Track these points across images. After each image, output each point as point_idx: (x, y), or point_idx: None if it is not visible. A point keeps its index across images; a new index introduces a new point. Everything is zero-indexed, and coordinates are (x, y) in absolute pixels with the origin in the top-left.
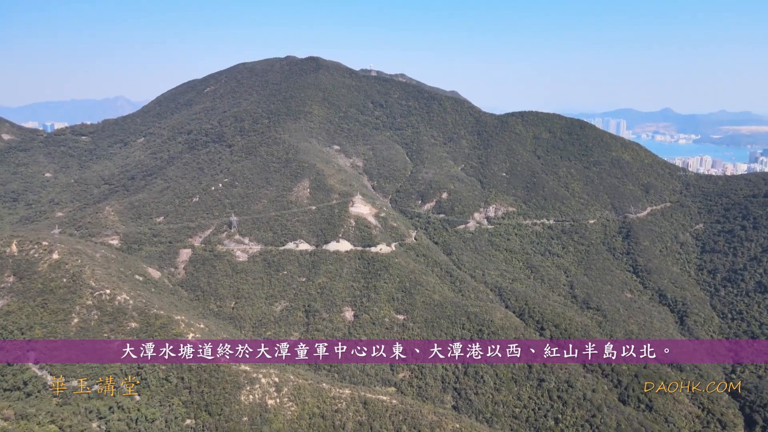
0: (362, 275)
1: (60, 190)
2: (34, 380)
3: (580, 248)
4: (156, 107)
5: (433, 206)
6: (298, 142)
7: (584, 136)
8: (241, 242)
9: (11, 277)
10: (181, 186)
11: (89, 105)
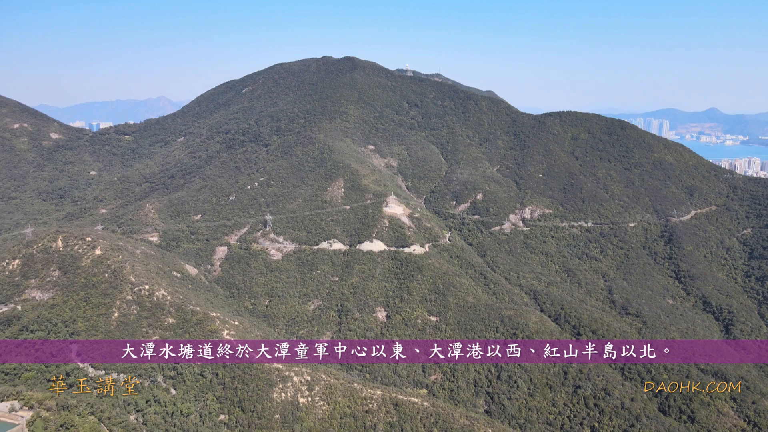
0: (395, 276)
1: (104, 188)
2: (76, 372)
3: (619, 252)
4: (195, 107)
5: (467, 207)
6: (333, 141)
7: (625, 137)
8: (276, 241)
9: (56, 271)
10: (219, 185)
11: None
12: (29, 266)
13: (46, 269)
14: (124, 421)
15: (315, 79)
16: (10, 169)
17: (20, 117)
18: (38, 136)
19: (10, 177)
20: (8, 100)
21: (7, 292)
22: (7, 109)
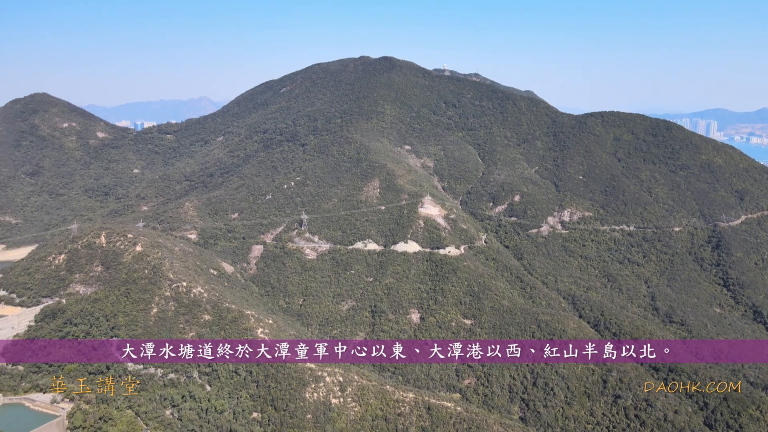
0: (430, 277)
1: (146, 186)
2: (116, 366)
3: (663, 257)
4: (235, 107)
5: (504, 209)
6: (370, 141)
7: (671, 138)
8: (311, 240)
9: (99, 266)
10: (256, 183)
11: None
12: (74, 261)
13: (89, 264)
14: (160, 416)
15: (352, 79)
16: (59, 167)
17: (69, 117)
18: (86, 135)
19: (59, 174)
20: (58, 100)
21: (53, 285)
22: (57, 108)
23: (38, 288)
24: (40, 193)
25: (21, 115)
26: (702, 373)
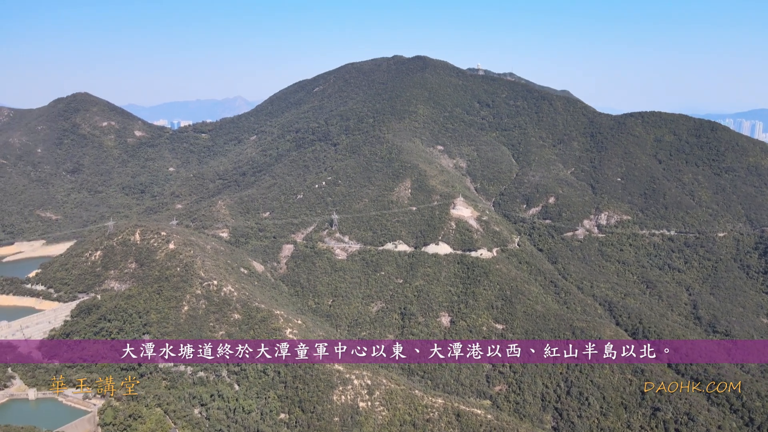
0: (461, 280)
1: (180, 184)
2: (147, 363)
3: (706, 264)
4: (268, 106)
5: (538, 211)
6: (402, 141)
7: (715, 139)
8: (341, 240)
9: (133, 263)
10: (287, 183)
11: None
12: (109, 258)
13: (124, 261)
14: (188, 415)
15: (385, 79)
16: (98, 165)
17: (108, 116)
18: (124, 133)
19: (98, 172)
20: (98, 100)
21: (89, 281)
22: (97, 108)
23: (75, 284)
24: (79, 190)
25: (63, 114)
26: (748, 387)
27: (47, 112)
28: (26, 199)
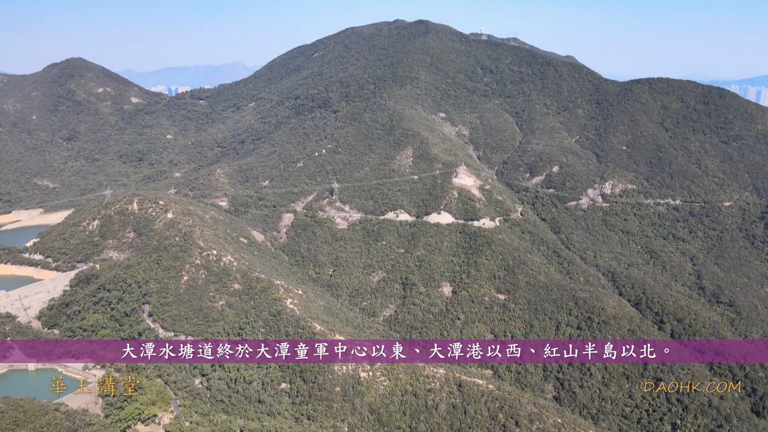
0: (463, 250)
1: (178, 152)
2: (147, 332)
3: (711, 234)
4: (267, 72)
5: (542, 180)
6: (403, 108)
7: (724, 107)
8: (342, 210)
9: (132, 232)
10: (287, 151)
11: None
12: (107, 227)
13: (122, 230)
14: (189, 386)
15: (386, 44)
16: (94, 132)
17: (104, 82)
18: (120, 100)
19: (94, 139)
20: (93, 65)
21: (87, 251)
22: (92, 74)
23: (73, 253)
24: (76, 158)
25: (57, 80)
26: (752, 358)
27: (41, 78)
28: (23, 167)
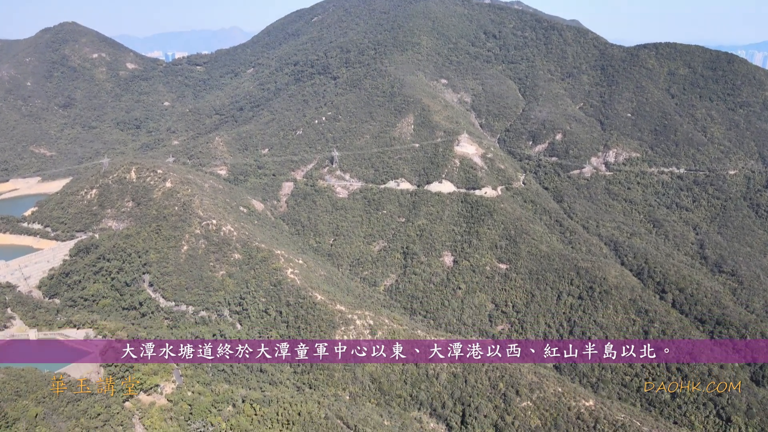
0: (464, 219)
1: (176, 119)
2: (148, 302)
3: (714, 202)
4: (265, 37)
5: (545, 148)
6: (404, 75)
7: (732, 73)
8: (342, 178)
9: (130, 202)
10: (286, 118)
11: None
12: (105, 196)
13: (120, 200)
14: None
15: (387, 8)
16: (90, 99)
17: (99, 47)
18: (115, 66)
19: (90, 107)
20: (87, 30)
21: (86, 220)
22: (86, 39)
23: (72, 222)
24: (72, 125)
25: (51, 45)
26: (752, 327)
27: (34, 43)
28: (19, 134)
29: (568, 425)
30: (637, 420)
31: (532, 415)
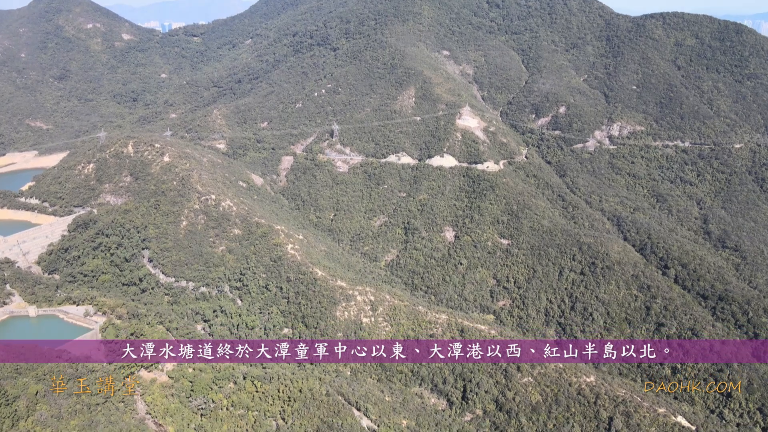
0: (466, 194)
1: (174, 91)
2: (148, 278)
3: (719, 177)
4: (263, 7)
5: (548, 121)
6: (405, 46)
7: (740, 43)
8: (342, 152)
9: (128, 176)
10: (285, 91)
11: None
12: (103, 171)
13: (118, 174)
14: (191, 332)
15: None
16: (86, 71)
17: (93, 17)
18: (110, 36)
19: (86, 79)
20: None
21: (84, 195)
22: (80, 8)
23: (69, 197)
24: (68, 98)
25: (45, 15)
26: (755, 303)
27: (28, 13)
28: (14, 107)
29: (569, 401)
30: (638, 395)
31: (533, 391)
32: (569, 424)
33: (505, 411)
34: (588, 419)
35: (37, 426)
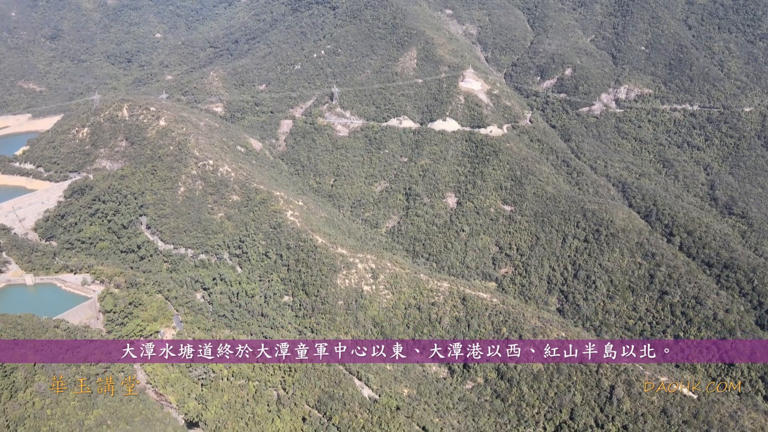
0: (469, 159)
1: (169, 52)
2: (147, 245)
3: (727, 141)
4: None
5: (553, 84)
6: (407, 4)
7: (753, 2)
8: (343, 116)
9: (124, 141)
10: (284, 51)
11: None
12: (98, 135)
13: (113, 139)
14: (191, 301)
15: None
16: (78, 30)
17: None
18: None
19: (79, 39)
20: None
21: (79, 160)
22: None
23: (64, 162)
24: (61, 58)
25: None
26: (760, 271)
27: None
28: (6, 68)
29: (571, 369)
30: (640, 364)
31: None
32: (570, 392)
33: (507, 379)
34: (589, 387)
35: (36, 397)
